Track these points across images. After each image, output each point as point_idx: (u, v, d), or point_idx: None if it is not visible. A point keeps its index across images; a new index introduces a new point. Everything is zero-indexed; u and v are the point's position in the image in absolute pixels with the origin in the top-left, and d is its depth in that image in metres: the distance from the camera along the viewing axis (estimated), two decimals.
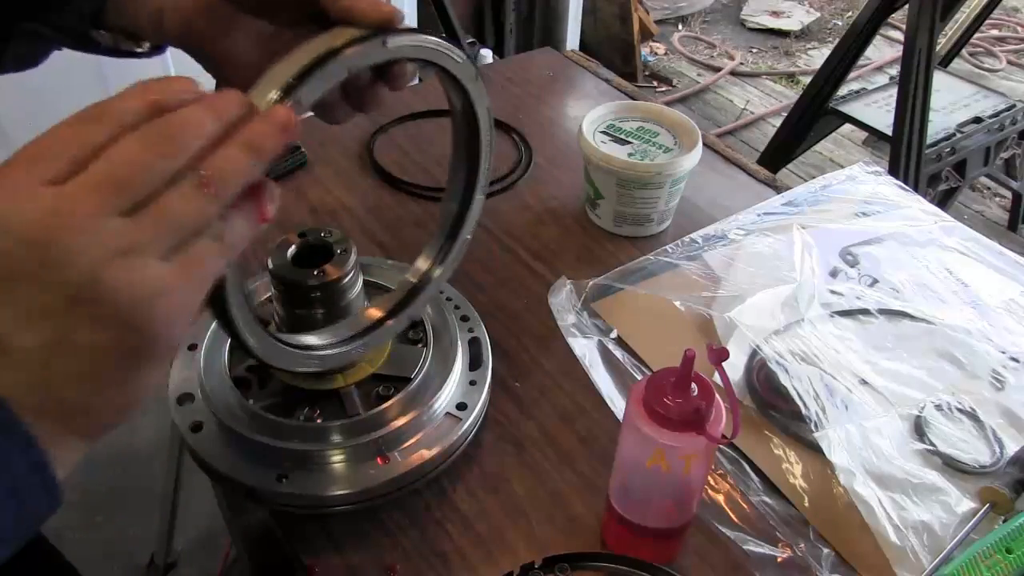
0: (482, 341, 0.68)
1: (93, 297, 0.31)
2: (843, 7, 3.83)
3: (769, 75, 3.32)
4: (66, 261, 0.31)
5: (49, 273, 0.30)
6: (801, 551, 0.59)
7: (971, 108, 2.11)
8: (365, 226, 0.88)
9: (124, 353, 0.33)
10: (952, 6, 2.02)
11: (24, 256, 0.30)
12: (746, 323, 0.74)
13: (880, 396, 0.69)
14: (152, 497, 1.50)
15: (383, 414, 0.61)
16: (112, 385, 0.33)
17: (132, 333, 0.32)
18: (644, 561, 0.53)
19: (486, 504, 0.62)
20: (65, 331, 0.31)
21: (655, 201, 0.84)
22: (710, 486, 0.63)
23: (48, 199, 0.31)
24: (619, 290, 0.79)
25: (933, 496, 0.62)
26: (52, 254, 0.30)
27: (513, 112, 1.07)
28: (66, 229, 0.31)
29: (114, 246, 0.31)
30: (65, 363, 0.32)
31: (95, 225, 0.31)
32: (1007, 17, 3.68)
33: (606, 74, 1.17)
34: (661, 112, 0.89)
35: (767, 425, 0.68)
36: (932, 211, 0.90)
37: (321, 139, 1.00)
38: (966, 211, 2.54)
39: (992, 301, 0.79)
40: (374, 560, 0.58)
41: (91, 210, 0.31)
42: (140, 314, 0.32)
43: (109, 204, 0.32)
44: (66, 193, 0.31)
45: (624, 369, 0.72)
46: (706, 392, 0.50)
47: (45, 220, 0.31)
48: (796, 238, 0.83)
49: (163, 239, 0.33)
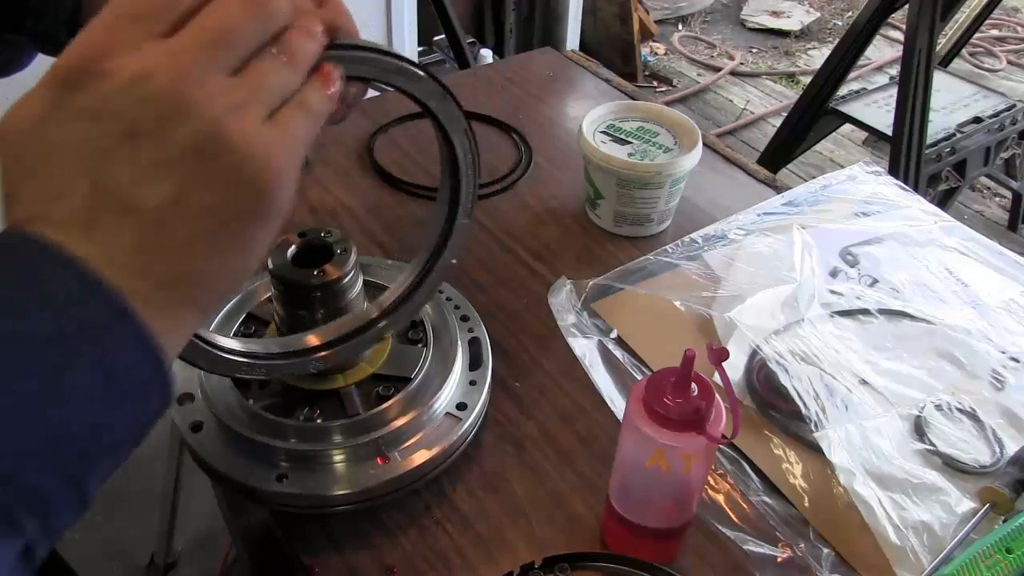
0: (482, 341, 0.68)
1: (213, 152, 0.31)
2: (843, 7, 3.83)
3: (769, 75, 3.32)
4: (186, 114, 0.30)
5: (170, 126, 0.30)
6: (801, 551, 0.59)
7: (971, 108, 2.11)
8: (365, 226, 0.88)
9: (240, 212, 0.32)
10: (952, 6, 2.02)
11: (145, 110, 0.30)
12: (746, 323, 0.74)
13: (880, 396, 0.69)
14: (152, 497, 1.50)
15: (383, 414, 0.61)
16: (228, 248, 0.33)
17: (248, 190, 0.32)
18: (644, 561, 0.53)
19: (486, 504, 0.62)
20: (185, 188, 0.31)
21: (655, 201, 0.84)
22: (710, 486, 0.63)
23: (162, 54, 0.31)
24: (619, 290, 0.79)
25: (933, 496, 0.62)
26: (172, 107, 0.30)
27: (513, 112, 1.07)
28: (184, 82, 0.31)
29: (229, 102, 0.31)
30: (184, 223, 0.31)
31: (210, 80, 0.31)
32: (1007, 17, 3.68)
33: (606, 74, 1.17)
34: (661, 112, 0.89)
35: (767, 425, 0.68)
36: (932, 211, 0.90)
37: (321, 139, 1.00)
38: (966, 211, 2.54)
39: (992, 301, 0.79)
40: (374, 560, 0.58)
41: (204, 65, 0.31)
42: (256, 169, 0.32)
43: (217, 60, 0.32)
44: (177, 48, 0.31)
45: (624, 369, 0.72)
46: (706, 392, 0.50)
47: (162, 73, 0.30)
48: (796, 238, 0.83)
49: (264, 100, 0.33)
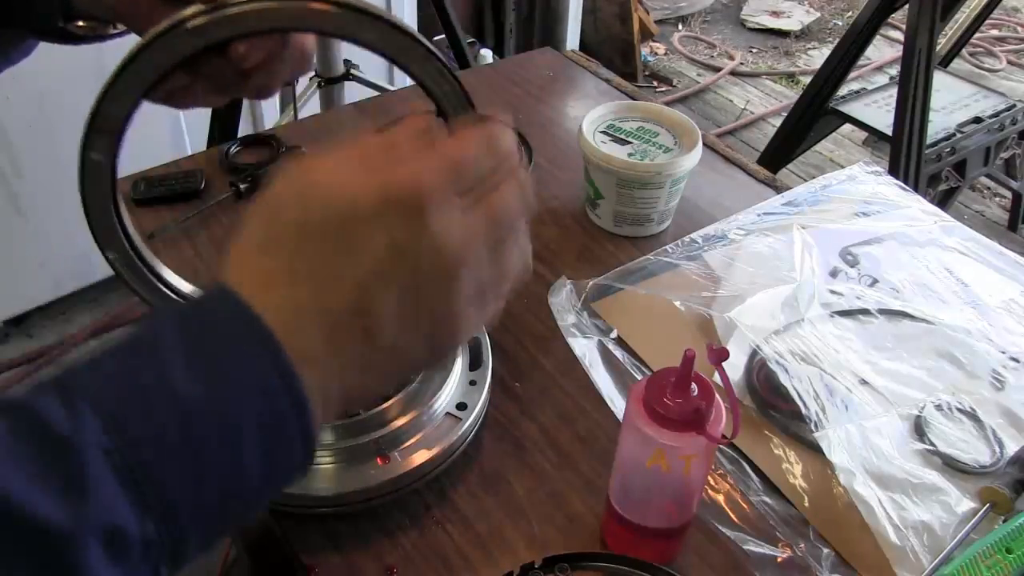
0: (482, 341, 0.68)
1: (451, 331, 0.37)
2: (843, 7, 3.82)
3: (769, 75, 3.32)
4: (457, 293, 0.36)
5: (440, 293, 0.35)
6: (801, 551, 0.59)
7: (971, 108, 2.11)
8: None
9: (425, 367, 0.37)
10: (952, 6, 2.02)
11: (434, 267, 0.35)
12: (746, 323, 0.74)
13: (880, 396, 0.69)
14: None
15: (383, 414, 0.61)
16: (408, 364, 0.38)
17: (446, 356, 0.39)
18: (644, 561, 0.53)
19: (486, 504, 0.62)
20: (416, 344, 0.36)
21: (655, 201, 0.84)
22: (710, 486, 0.63)
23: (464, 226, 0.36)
24: (619, 290, 0.79)
25: (933, 496, 0.62)
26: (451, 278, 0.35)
27: (513, 112, 1.07)
28: (465, 261, 0.36)
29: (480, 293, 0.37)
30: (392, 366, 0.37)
31: (483, 268, 0.37)
32: (1007, 17, 3.67)
33: (606, 74, 1.17)
34: (661, 112, 0.89)
35: (767, 425, 0.68)
36: (932, 211, 0.90)
37: (321, 139, 1.00)
38: (966, 211, 2.54)
39: (992, 301, 0.79)
40: (374, 560, 0.58)
41: (483, 252, 0.36)
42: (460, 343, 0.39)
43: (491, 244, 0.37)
44: (472, 228, 0.36)
45: (624, 369, 0.72)
46: (706, 392, 0.50)
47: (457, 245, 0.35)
48: (796, 238, 0.83)
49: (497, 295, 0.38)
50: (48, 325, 1.95)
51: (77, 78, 1.06)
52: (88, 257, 1.87)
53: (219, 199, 0.89)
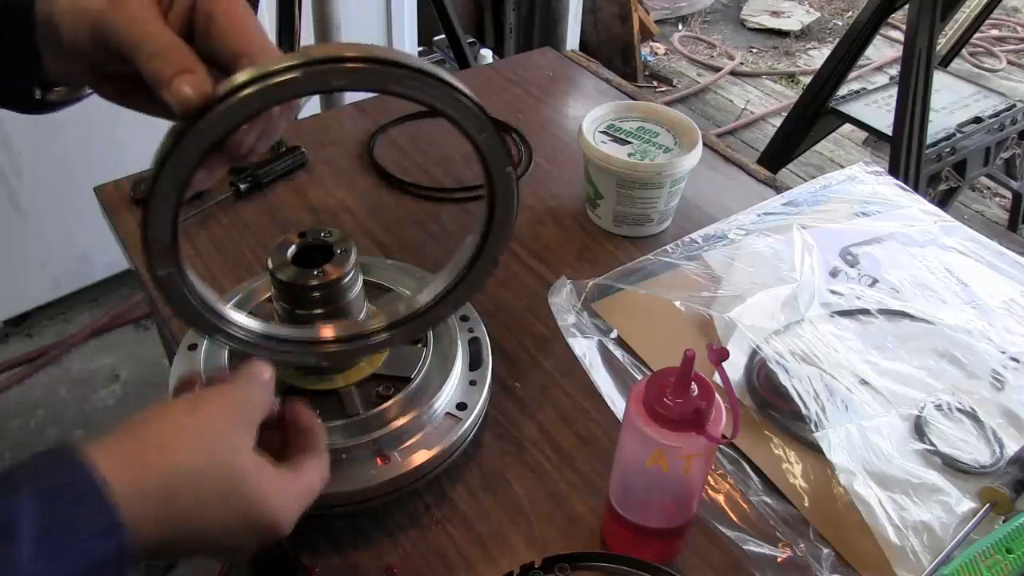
0: (482, 341, 0.68)
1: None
2: (843, 7, 3.82)
3: (769, 75, 3.32)
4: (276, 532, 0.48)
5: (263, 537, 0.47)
6: (801, 551, 0.59)
7: (971, 108, 2.11)
8: (365, 226, 0.88)
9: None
10: (952, 6, 2.02)
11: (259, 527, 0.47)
12: (746, 323, 0.74)
13: (880, 396, 0.69)
14: None
15: (383, 414, 0.61)
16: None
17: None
18: (644, 561, 0.53)
19: (486, 504, 0.62)
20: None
21: (655, 201, 0.84)
22: (710, 486, 0.63)
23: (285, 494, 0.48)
24: (619, 290, 0.79)
25: (933, 496, 0.62)
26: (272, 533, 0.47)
27: (513, 112, 1.07)
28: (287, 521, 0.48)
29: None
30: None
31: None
32: (1007, 17, 3.67)
33: (606, 74, 1.17)
34: (661, 112, 0.89)
35: (767, 425, 0.68)
36: (932, 211, 0.90)
37: (321, 139, 1.00)
38: (966, 211, 2.54)
39: (992, 301, 0.79)
40: (374, 560, 0.58)
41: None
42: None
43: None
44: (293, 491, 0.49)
45: (624, 369, 0.72)
46: (706, 392, 0.50)
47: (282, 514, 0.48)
48: (796, 238, 0.83)
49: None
50: (48, 325, 1.95)
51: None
52: (88, 257, 1.87)
53: (219, 199, 0.89)
